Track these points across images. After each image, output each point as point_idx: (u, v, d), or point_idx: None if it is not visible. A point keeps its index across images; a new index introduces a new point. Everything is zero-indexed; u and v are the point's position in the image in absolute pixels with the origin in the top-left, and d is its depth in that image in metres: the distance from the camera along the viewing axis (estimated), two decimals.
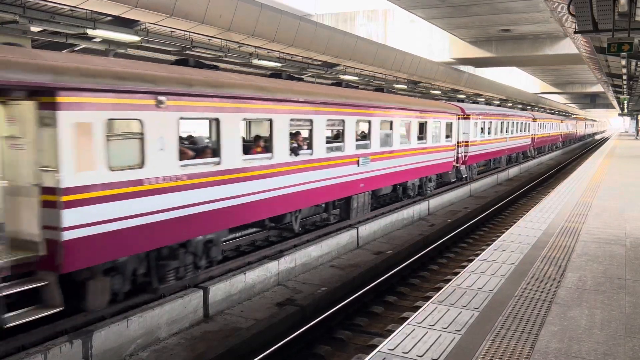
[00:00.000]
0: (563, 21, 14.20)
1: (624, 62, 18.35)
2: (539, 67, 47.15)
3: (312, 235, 13.14)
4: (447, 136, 20.19)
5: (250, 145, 10.67)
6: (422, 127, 17.82)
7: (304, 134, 12.27)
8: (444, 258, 12.95)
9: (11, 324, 6.30)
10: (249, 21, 14.55)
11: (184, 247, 8.84)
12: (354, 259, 12.46)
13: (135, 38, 12.58)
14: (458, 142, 21.93)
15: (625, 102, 41.08)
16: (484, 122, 24.60)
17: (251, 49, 16.37)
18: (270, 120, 10.49)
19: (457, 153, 21.97)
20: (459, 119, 21.74)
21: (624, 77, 23.51)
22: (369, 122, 14.32)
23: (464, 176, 22.79)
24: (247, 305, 9.32)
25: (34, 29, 11.28)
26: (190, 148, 9.35)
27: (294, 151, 11.29)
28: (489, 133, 25.38)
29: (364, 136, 14.82)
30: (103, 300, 7.62)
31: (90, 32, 11.60)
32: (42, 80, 6.40)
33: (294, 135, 11.70)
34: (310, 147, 11.91)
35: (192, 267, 9.08)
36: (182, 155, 8.52)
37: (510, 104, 48.44)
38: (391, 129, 15.53)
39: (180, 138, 8.63)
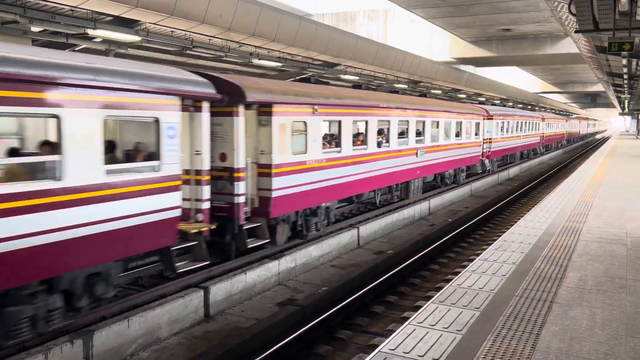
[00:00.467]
0: (563, 20, 14.20)
1: (624, 61, 18.34)
2: (540, 66, 47.13)
3: (313, 235, 13.14)
4: (476, 134, 23.77)
5: (352, 140, 13.95)
6: (459, 126, 21.45)
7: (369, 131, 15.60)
8: (444, 258, 12.94)
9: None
10: (250, 21, 14.55)
11: (315, 213, 12.59)
12: (355, 259, 12.45)
13: (135, 38, 12.57)
14: (483, 139, 25.17)
15: (626, 101, 41.06)
16: (504, 122, 27.49)
17: (251, 48, 16.36)
18: (367, 122, 14.36)
19: (482, 149, 25.14)
20: (484, 119, 24.91)
21: (625, 76, 23.49)
22: (423, 122, 18.13)
23: (487, 169, 25.89)
24: (248, 305, 9.32)
25: (35, 29, 11.28)
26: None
27: (379, 144, 15.09)
28: (507, 132, 28.43)
29: (419, 133, 18.06)
30: (283, 239, 11.51)
31: (90, 32, 11.59)
32: (266, 98, 10.42)
33: (379, 133, 15.23)
34: (388, 141, 15.68)
35: (325, 223, 13.11)
36: (323, 146, 12.51)
37: (511, 104, 48.42)
38: (437, 127, 19.28)
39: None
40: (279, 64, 18.20)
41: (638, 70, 22.34)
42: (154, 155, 8.09)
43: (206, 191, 9.18)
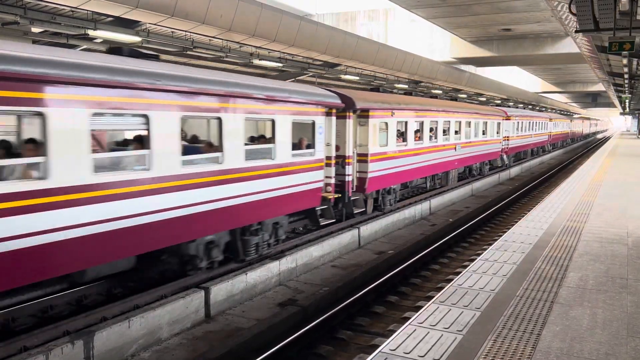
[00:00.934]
0: (564, 20, 14.19)
1: (625, 61, 18.33)
2: (540, 66, 47.13)
3: (314, 235, 13.14)
4: (497, 132, 27.36)
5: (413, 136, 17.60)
6: (485, 125, 25.01)
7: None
8: (445, 258, 12.93)
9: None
10: (250, 21, 14.55)
11: (389, 192, 16.57)
12: (356, 259, 12.45)
13: (136, 38, 12.59)
14: (503, 137, 28.64)
15: (627, 101, 41.05)
16: (519, 122, 30.53)
17: (252, 49, 16.38)
18: (422, 122, 18.01)
19: (502, 145, 28.66)
20: (503, 119, 28.20)
21: (626, 76, 23.48)
22: (460, 122, 21.58)
23: (505, 163, 29.34)
24: (249, 306, 9.32)
25: (35, 29, 11.30)
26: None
27: (430, 139, 18.66)
28: (521, 131, 31.97)
29: (457, 131, 21.44)
30: (370, 209, 15.54)
31: (91, 32, 11.61)
32: (366, 106, 14.25)
33: (430, 130, 18.74)
34: (436, 137, 19.22)
35: (395, 200, 17.04)
36: (397, 140, 16.20)
37: (511, 104, 48.41)
38: (469, 126, 22.91)
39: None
40: (280, 64, 18.21)
41: (639, 69, 22.32)
42: (310, 145, 11.96)
43: (333, 171, 13.13)
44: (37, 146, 6.60)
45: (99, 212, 7.05)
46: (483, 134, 24.84)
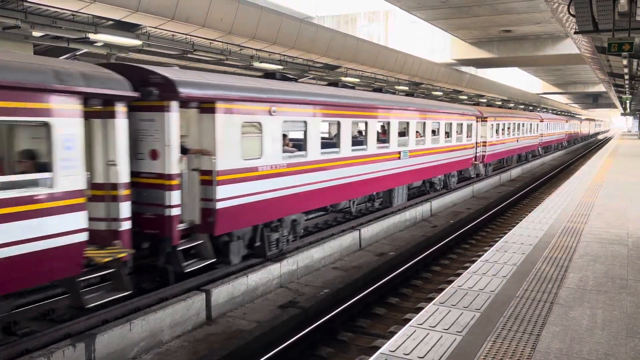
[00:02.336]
0: (564, 21, 14.20)
1: (625, 61, 18.32)
2: (541, 67, 47.11)
3: (315, 237, 13.16)
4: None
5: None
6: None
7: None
8: (446, 259, 12.94)
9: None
10: (250, 24, 14.59)
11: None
12: (357, 261, 12.46)
13: (136, 42, 12.63)
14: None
15: (628, 101, 41.00)
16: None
17: (252, 51, 16.41)
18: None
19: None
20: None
21: (626, 76, 23.46)
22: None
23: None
24: (250, 308, 9.33)
25: (36, 33, 11.34)
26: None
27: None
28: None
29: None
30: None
31: (91, 36, 11.65)
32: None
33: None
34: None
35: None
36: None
37: (512, 105, 48.44)
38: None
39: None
40: (280, 67, 18.24)
41: (639, 70, 22.31)
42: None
43: None
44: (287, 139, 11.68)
45: (325, 175, 12.41)
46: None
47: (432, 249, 12.82)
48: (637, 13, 10.42)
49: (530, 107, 53.53)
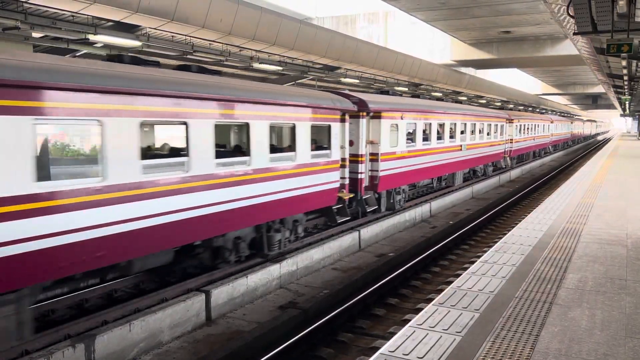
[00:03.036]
0: (563, 22, 14.22)
1: (624, 62, 18.35)
2: (540, 68, 47.16)
3: (314, 237, 13.17)
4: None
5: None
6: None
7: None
8: (445, 260, 12.95)
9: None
10: (250, 25, 14.60)
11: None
12: (356, 262, 12.47)
13: (136, 43, 12.63)
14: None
15: (627, 102, 41.02)
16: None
17: (252, 52, 16.41)
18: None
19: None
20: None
21: (625, 77, 23.49)
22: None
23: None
24: (250, 309, 9.34)
25: (36, 34, 11.35)
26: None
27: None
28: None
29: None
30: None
31: (91, 37, 11.65)
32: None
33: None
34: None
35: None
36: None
37: (511, 106, 48.47)
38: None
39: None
40: (279, 68, 18.25)
41: (638, 71, 22.34)
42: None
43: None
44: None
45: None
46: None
47: (431, 250, 12.83)
48: (636, 14, 10.44)
49: (530, 109, 53.54)
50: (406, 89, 28.42)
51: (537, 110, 55.28)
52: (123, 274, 8.99)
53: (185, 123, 8.56)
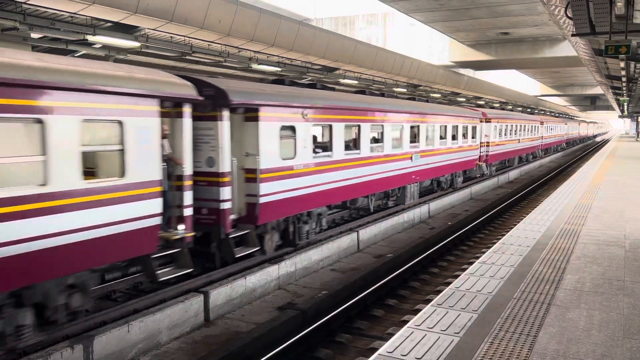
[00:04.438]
0: (561, 24, 14.24)
1: (622, 64, 18.39)
2: (539, 69, 47.15)
3: (313, 238, 13.16)
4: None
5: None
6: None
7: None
8: (444, 261, 12.96)
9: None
10: (249, 26, 14.61)
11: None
12: (355, 262, 12.48)
13: (135, 44, 12.64)
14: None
15: (625, 103, 41.10)
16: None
17: (251, 53, 16.43)
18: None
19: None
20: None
21: (623, 79, 23.54)
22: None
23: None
24: (248, 309, 9.34)
25: (34, 35, 11.35)
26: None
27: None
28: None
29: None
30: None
31: (90, 38, 11.66)
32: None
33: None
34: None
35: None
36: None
37: (510, 107, 48.54)
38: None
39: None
40: (278, 69, 18.26)
41: (636, 72, 22.38)
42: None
43: None
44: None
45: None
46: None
47: (430, 251, 12.84)
48: (634, 16, 10.46)
49: (529, 109, 53.65)
50: (405, 89, 28.46)
51: (536, 111, 55.37)
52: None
53: (330, 126, 12.93)
